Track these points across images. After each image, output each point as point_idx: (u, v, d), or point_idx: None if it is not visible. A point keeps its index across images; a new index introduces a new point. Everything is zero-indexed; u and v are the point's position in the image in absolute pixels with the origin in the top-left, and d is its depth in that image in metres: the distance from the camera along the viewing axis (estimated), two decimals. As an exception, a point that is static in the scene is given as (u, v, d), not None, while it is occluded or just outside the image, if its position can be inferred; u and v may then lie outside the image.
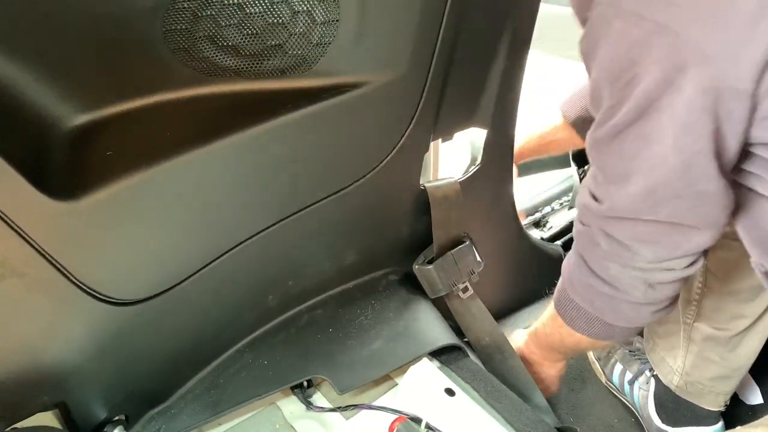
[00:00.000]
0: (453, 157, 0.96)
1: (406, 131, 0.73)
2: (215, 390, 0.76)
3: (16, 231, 0.49)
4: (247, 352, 0.80)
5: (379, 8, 0.60)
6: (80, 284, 0.57)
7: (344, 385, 0.74)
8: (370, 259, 0.88)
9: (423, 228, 0.87)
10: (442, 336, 0.82)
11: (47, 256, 0.53)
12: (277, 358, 0.79)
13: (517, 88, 0.83)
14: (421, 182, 0.84)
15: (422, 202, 0.84)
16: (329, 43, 0.59)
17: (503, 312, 1.22)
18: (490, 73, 0.77)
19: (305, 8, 0.56)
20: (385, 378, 0.80)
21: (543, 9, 0.78)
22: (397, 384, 0.79)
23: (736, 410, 0.99)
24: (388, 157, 0.74)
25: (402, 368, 0.78)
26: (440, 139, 0.83)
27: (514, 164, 0.96)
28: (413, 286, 0.91)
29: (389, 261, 0.91)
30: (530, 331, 0.94)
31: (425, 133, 0.76)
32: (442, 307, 0.91)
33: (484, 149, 0.87)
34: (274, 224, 0.70)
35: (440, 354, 0.83)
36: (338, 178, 0.73)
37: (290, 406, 0.77)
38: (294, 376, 0.76)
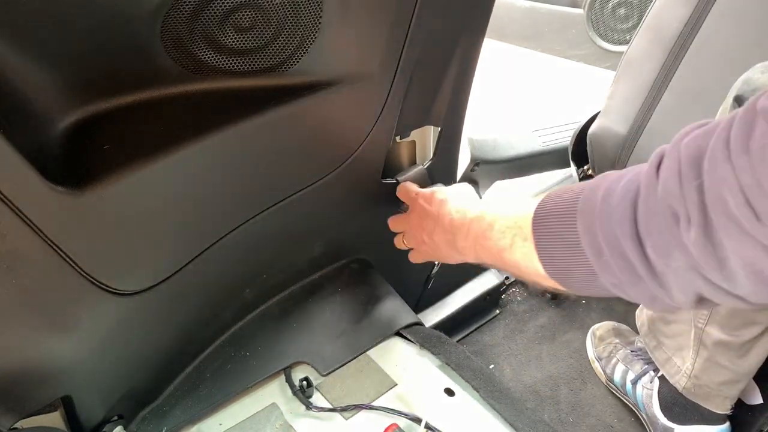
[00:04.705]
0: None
1: (372, 128, 0.77)
2: (203, 384, 0.78)
3: (24, 221, 0.50)
4: (228, 346, 0.84)
5: (357, 13, 0.63)
6: (85, 274, 0.58)
7: (324, 367, 0.81)
8: (334, 250, 0.95)
9: (382, 218, 0.93)
10: (405, 316, 0.90)
11: (55, 246, 0.53)
12: (258, 349, 0.83)
13: (467, 90, 0.89)
14: (395, 177, 0.91)
15: (382, 194, 0.90)
16: (310, 45, 0.62)
17: (447, 289, 1.27)
18: (445, 75, 0.83)
19: (292, 12, 0.59)
20: (385, 378, 0.80)
21: (542, 9, 0.79)
22: (396, 384, 0.79)
23: (735, 410, 0.99)
24: (356, 153, 0.79)
25: (379, 350, 0.85)
26: (398, 137, 0.88)
27: None
28: (374, 272, 0.98)
29: (351, 251, 0.98)
30: (473, 211, 0.69)
31: (389, 130, 0.81)
32: (405, 294, 0.98)
33: (437, 144, 0.94)
34: (252, 218, 0.74)
35: (434, 348, 0.84)
36: (312, 172, 0.77)
37: (290, 406, 0.77)
38: (277, 364, 0.81)
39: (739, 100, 0.73)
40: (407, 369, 0.82)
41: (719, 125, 0.41)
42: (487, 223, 0.64)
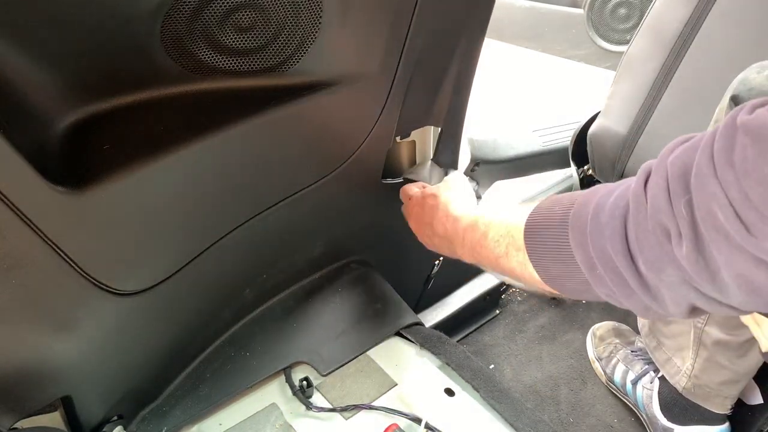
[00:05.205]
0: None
1: (372, 128, 0.77)
2: (203, 384, 0.78)
3: (24, 221, 0.50)
4: (228, 346, 0.84)
5: (357, 13, 0.63)
6: (85, 274, 0.58)
7: (324, 367, 0.80)
8: (335, 250, 0.95)
9: (382, 218, 0.94)
10: (405, 316, 0.90)
11: (54, 246, 0.53)
12: (258, 349, 0.83)
13: (467, 90, 0.89)
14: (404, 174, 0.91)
15: (382, 194, 0.90)
16: (310, 45, 0.62)
17: (447, 289, 1.27)
18: (446, 76, 0.83)
19: (292, 12, 0.59)
20: (385, 378, 0.80)
21: (542, 9, 0.79)
22: (396, 384, 0.79)
23: (735, 410, 0.99)
24: (356, 153, 0.79)
25: (379, 350, 0.85)
26: (398, 137, 0.89)
27: None
28: (374, 272, 0.98)
29: (352, 251, 0.98)
30: (466, 219, 0.69)
31: (389, 130, 0.81)
32: (405, 294, 0.98)
33: (437, 145, 0.94)
34: (252, 218, 0.74)
35: (434, 348, 0.84)
36: (311, 172, 0.78)
37: (290, 406, 0.77)
38: (277, 364, 0.81)
39: (735, 100, 0.73)
40: (407, 369, 0.82)
41: (703, 139, 0.41)
42: (481, 232, 0.65)
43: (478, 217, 0.68)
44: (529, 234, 0.57)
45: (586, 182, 1.35)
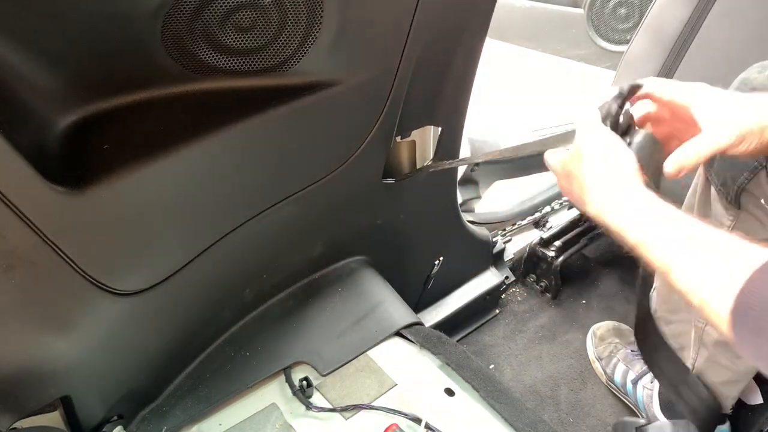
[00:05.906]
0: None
1: (373, 129, 0.78)
2: (203, 384, 0.78)
3: (24, 221, 0.50)
4: (228, 347, 0.84)
5: (357, 13, 0.64)
6: (85, 274, 0.58)
7: (324, 367, 0.80)
8: (334, 250, 0.95)
9: (382, 218, 0.94)
10: (405, 316, 0.90)
11: (54, 246, 0.54)
12: (258, 349, 0.83)
13: (468, 90, 0.90)
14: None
15: (382, 194, 0.91)
16: (311, 45, 0.62)
17: (447, 288, 1.27)
18: (446, 76, 0.83)
19: (292, 12, 0.59)
20: (385, 378, 0.80)
21: (542, 9, 0.79)
22: (396, 384, 0.79)
23: (735, 410, 0.99)
24: (357, 153, 0.79)
25: (379, 350, 0.85)
26: (399, 137, 0.89)
27: None
28: (374, 272, 0.98)
29: (351, 251, 0.98)
30: (631, 236, 0.56)
31: (389, 131, 0.81)
32: (405, 294, 0.98)
33: (438, 144, 0.94)
34: (251, 218, 0.74)
35: (434, 348, 0.84)
36: (312, 172, 0.78)
37: (290, 406, 0.77)
38: (276, 364, 0.81)
39: None
40: (407, 369, 0.82)
41: None
42: (659, 270, 0.55)
43: (641, 243, 0.56)
44: (740, 329, 0.48)
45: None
